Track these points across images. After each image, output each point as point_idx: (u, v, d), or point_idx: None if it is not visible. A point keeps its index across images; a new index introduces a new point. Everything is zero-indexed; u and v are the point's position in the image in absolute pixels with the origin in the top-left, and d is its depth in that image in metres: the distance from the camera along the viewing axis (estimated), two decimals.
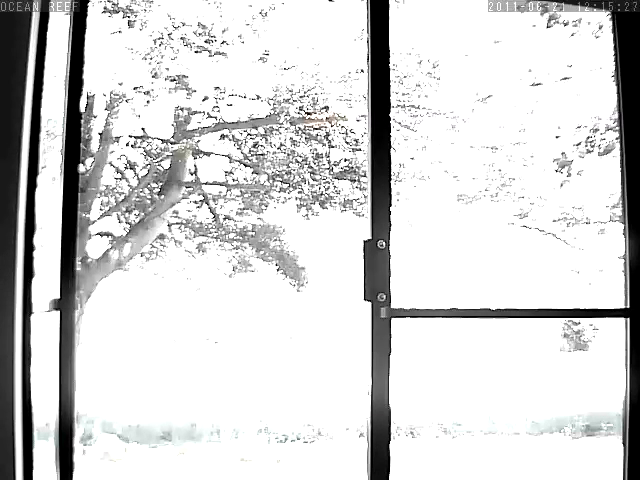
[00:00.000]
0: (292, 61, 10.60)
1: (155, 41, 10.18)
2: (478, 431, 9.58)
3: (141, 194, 11.27)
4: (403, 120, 10.65)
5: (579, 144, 10.55)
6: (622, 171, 2.95)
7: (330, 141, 10.99)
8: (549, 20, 9.94)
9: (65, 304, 2.48)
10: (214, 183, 11.65)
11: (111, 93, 10.41)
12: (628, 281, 2.89)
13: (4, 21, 2.41)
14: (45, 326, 2.52)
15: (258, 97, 10.78)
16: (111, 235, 11.22)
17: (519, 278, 11.03)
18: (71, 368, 2.47)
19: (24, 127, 2.43)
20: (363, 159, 10.79)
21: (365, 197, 10.82)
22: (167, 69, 10.29)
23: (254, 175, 11.46)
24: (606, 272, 10.69)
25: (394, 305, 2.61)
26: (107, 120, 10.72)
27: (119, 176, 11.40)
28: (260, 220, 11.84)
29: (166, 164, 11.30)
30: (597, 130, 10.38)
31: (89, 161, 10.79)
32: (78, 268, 10.09)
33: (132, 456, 8.56)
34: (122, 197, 11.26)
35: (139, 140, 11.09)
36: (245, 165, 11.44)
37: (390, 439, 2.61)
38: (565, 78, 10.32)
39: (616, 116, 3.00)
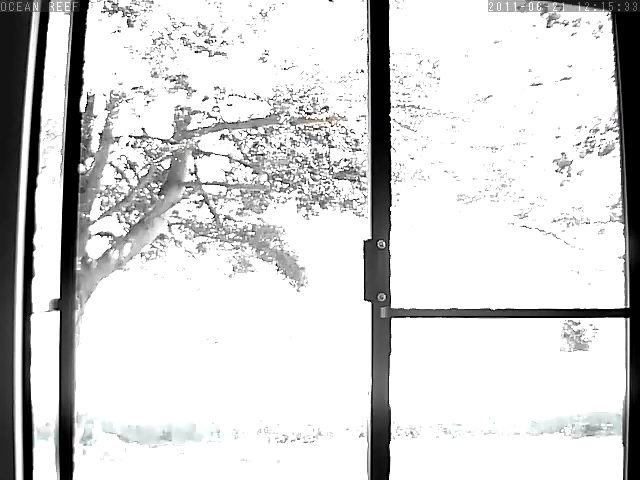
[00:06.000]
0: (292, 61, 10.60)
1: (155, 41, 10.18)
2: (478, 431, 9.58)
3: (141, 194, 11.27)
4: (403, 120, 10.65)
5: (579, 144, 10.55)
6: (622, 171, 2.95)
7: (330, 141, 11.00)
8: (549, 20, 9.95)
9: (65, 304, 2.48)
10: (214, 183, 11.66)
11: (111, 93, 10.41)
12: (628, 281, 2.89)
13: (4, 21, 2.41)
14: (45, 326, 2.52)
15: (258, 97, 10.78)
16: (111, 235, 11.22)
17: (519, 278, 11.03)
18: (71, 368, 2.47)
19: (24, 127, 2.43)
20: (363, 159, 10.79)
21: (365, 197, 10.82)
22: (167, 69, 10.29)
23: (254, 175, 11.47)
24: (606, 272, 10.69)
25: (394, 305, 2.61)
26: (107, 120, 10.72)
27: (119, 176, 11.40)
28: (260, 220, 11.84)
29: (166, 164, 11.31)
30: (597, 130, 10.38)
31: (89, 161, 10.79)
32: (78, 268, 10.09)
33: (132, 456, 8.56)
34: (122, 197, 11.26)
35: (139, 140, 11.09)
36: (245, 165, 11.44)
37: (390, 439, 2.60)
38: (565, 78, 10.32)
39: (616, 116, 3.00)
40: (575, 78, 10.26)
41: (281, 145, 11.00)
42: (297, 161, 11.00)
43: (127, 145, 11.14)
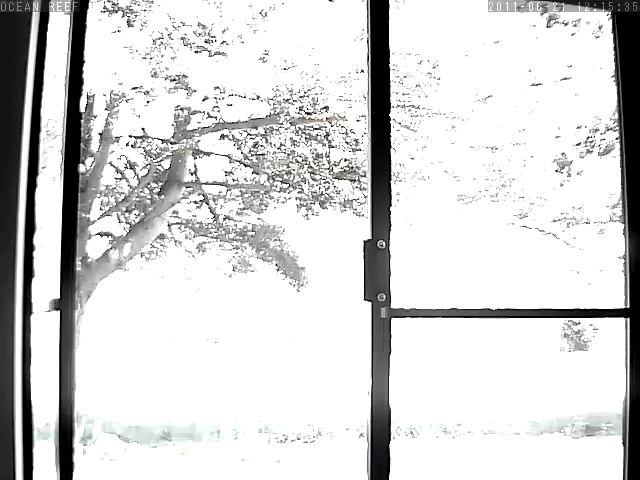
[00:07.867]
0: (292, 61, 10.60)
1: (155, 41, 10.19)
2: (478, 431, 9.58)
3: (141, 194, 11.27)
4: (403, 120, 10.65)
5: (579, 144, 10.55)
6: (622, 171, 2.95)
7: (330, 141, 10.99)
8: (549, 20, 9.95)
9: (65, 304, 2.48)
10: (214, 183, 11.65)
11: (111, 93, 10.41)
12: (628, 281, 2.89)
13: (4, 21, 2.41)
14: (45, 326, 2.52)
15: (258, 97, 10.78)
16: (111, 235, 11.22)
17: (519, 278, 11.03)
18: (71, 368, 2.47)
19: (24, 127, 2.43)
20: (363, 159, 10.79)
21: (365, 197, 10.82)
22: (167, 69, 10.29)
23: (254, 175, 11.46)
24: (606, 272, 10.69)
25: (394, 305, 2.61)
26: (107, 120, 10.72)
27: (119, 176, 11.40)
28: (260, 220, 11.83)
29: (166, 164, 11.30)
30: (597, 130, 10.38)
31: (89, 161, 10.79)
32: (78, 268, 10.09)
33: (132, 456, 8.56)
34: (122, 197, 11.26)
35: (139, 140, 11.08)
36: (245, 165, 11.43)
37: (390, 439, 2.61)
38: (565, 78, 10.32)
39: (616, 116, 3.00)
40: (575, 78, 10.26)
41: (281, 145, 11.00)
42: (297, 161, 11.00)
43: (127, 145, 11.14)
